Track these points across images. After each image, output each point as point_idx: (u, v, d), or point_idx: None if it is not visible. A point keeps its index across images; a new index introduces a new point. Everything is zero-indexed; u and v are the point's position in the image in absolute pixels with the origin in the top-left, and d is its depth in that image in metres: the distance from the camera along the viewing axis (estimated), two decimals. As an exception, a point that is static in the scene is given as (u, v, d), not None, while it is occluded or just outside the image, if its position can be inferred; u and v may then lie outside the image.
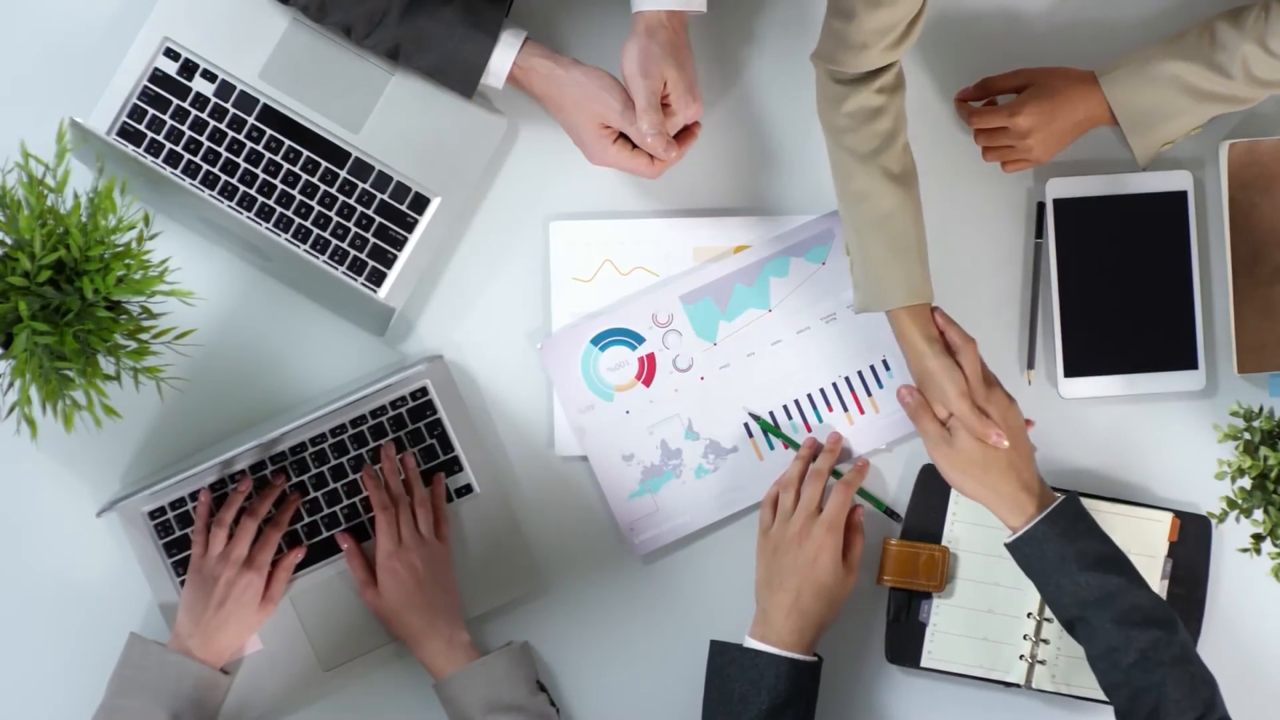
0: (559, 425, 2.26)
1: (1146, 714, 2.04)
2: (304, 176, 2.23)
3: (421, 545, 2.19)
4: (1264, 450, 1.96)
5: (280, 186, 2.22)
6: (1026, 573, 2.11)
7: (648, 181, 2.26)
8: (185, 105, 2.22)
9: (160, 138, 2.22)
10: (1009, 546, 2.11)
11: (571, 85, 2.16)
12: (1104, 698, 2.18)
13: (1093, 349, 2.26)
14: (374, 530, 2.21)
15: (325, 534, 2.23)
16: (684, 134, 2.19)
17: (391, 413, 2.23)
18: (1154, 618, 2.06)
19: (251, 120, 2.22)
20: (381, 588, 2.19)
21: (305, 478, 2.23)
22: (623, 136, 2.16)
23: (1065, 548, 2.08)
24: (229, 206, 2.22)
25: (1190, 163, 2.28)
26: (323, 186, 2.23)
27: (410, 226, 2.23)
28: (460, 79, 2.18)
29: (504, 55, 2.16)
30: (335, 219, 2.23)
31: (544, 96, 2.18)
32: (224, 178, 2.22)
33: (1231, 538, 2.25)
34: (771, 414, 2.26)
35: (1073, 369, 2.26)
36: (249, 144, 2.22)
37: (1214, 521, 2.04)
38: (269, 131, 2.22)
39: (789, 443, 2.25)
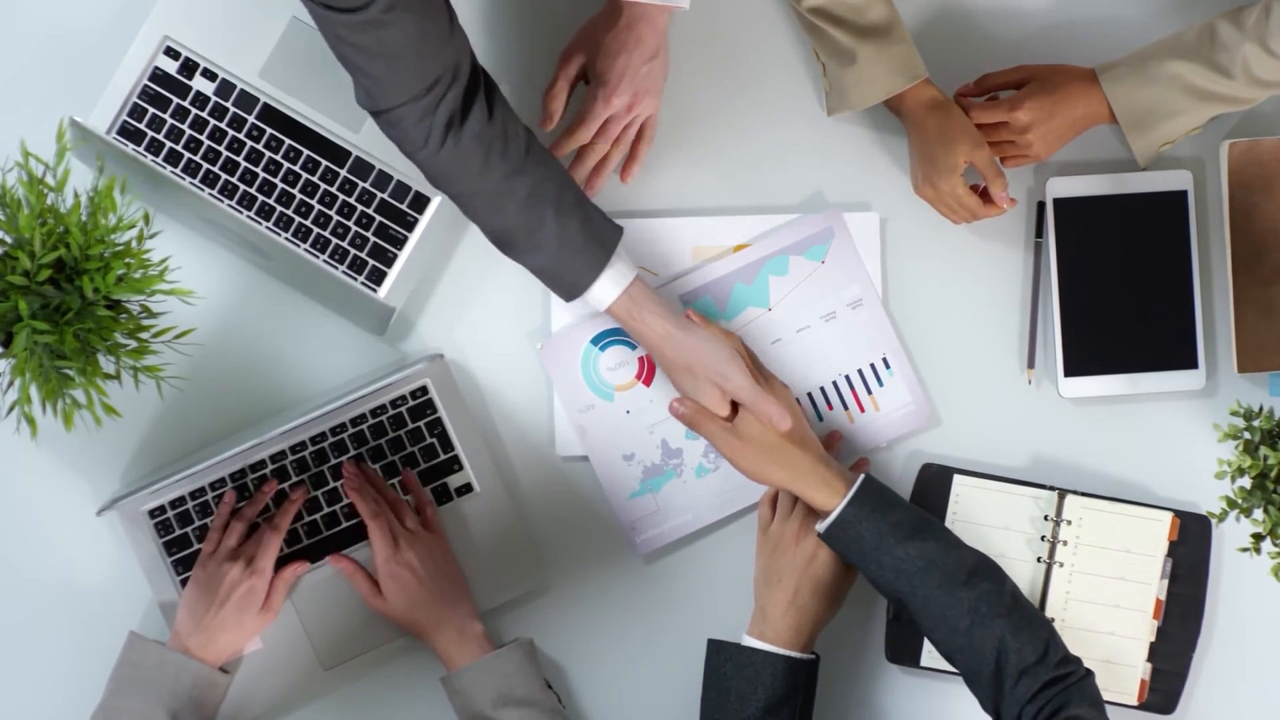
0: (559, 425, 2.26)
1: (994, 668, 2.04)
2: (304, 175, 2.23)
3: (415, 540, 2.19)
4: (1264, 450, 1.96)
5: (280, 185, 2.22)
6: (845, 557, 2.12)
7: (647, 181, 2.26)
8: (185, 104, 2.22)
9: (160, 136, 2.22)
10: (824, 536, 2.11)
11: (688, 349, 2.13)
12: (1110, 697, 2.19)
13: (1093, 349, 2.26)
14: (369, 537, 2.21)
15: (325, 533, 2.23)
16: (638, 136, 2.22)
17: (391, 412, 2.23)
18: (978, 571, 2.08)
19: (252, 119, 2.22)
20: (386, 593, 2.19)
21: (305, 476, 2.23)
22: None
23: (879, 523, 2.09)
24: (229, 205, 2.22)
25: (1190, 162, 2.28)
26: (323, 185, 2.23)
27: (410, 225, 2.23)
28: (563, 288, 2.13)
29: (611, 285, 2.11)
30: (335, 218, 2.23)
31: (658, 354, 2.14)
32: (224, 176, 2.22)
33: (1231, 537, 2.25)
34: (771, 413, 2.26)
35: (1073, 369, 2.26)
36: (249, 143, 2.22)
37: (1214, 521, 2.04)
38: (269, 130, 2.22)
39: (789, 442, 2.25)
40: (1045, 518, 2.23)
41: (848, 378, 2.26)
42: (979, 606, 2.05)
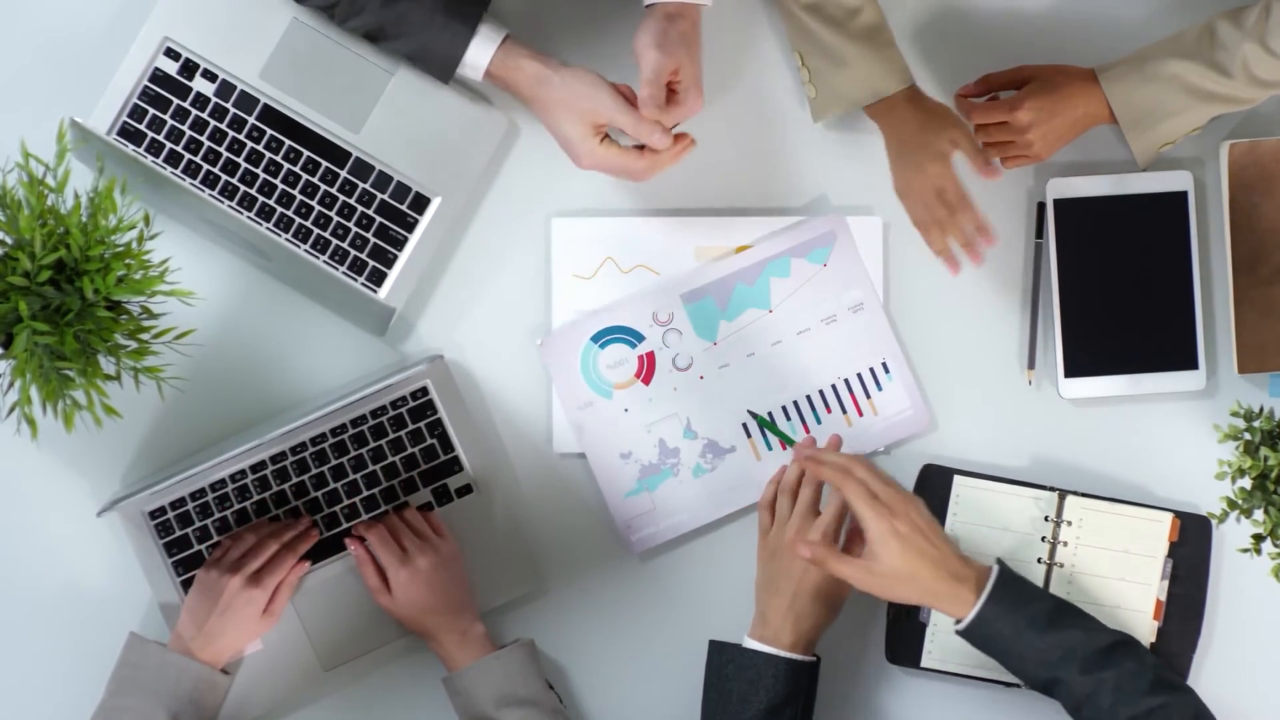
0: (558, 422, 2.26)
1: None
2: (304, 176, 2.22)
3: (425, 546, 2.19)
4: (1264, 450, 1.96)
5: (280, 186, 2.22)
6: (985, 653, 2.09)
7: (651, 180, 2.26)
8: (186, 105, 2.22)
9: (160, 137, 2.21)
10: (962, 634, 2.09)
11: (560, 85, 2.14)
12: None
13: (1093, 349, 2.26)
14: (377, 553, 2.21)
15: (325, 534, 2.23)
16: (678, 138, 2.19)
17: (392, 413, 2.23)
18: (1117, 650, 2.06)
19: (252, 120, 2.22)
20: (395, 596, 2.19)
21: (305, 477, 2.23)
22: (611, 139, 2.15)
23: (1016, 618, 2.06)
24: (229, 206, 2.22)
25: (1190, 163, 2.28)
26: (323, 186, 2.23)
27: (410, 226, 2.23)
28: (437, 67, 2.18)
29: (482, 49, 2.15)
30: (335, 219, 2.23)
31: (531, 98, 2.16)
32: (224, 177, 2.22)
33: (1231, 538, 2.25)
34: (770, 415, 2.26)
35: (1073, 369, 2.26)
36: (249, 144, 2.22)
37: (1214, 521, 2.04)
38: (269, 131, 2.22)
39: (787, 441, 2.25)
40: (1045, 518, 2.23)
41: (846, 381, 2.26)
42: (1123, 684, 2.04)
